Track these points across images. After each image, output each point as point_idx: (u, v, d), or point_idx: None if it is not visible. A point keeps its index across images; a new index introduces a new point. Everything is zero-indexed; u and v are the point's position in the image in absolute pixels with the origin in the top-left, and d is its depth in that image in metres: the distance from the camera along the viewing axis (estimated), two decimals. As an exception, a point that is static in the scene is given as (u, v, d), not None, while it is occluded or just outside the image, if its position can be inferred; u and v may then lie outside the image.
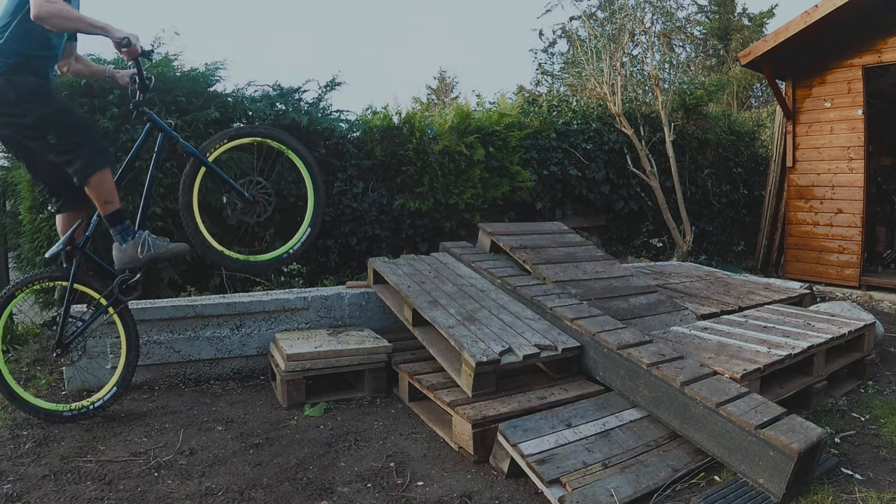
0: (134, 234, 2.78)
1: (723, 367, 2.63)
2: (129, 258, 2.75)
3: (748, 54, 6.26)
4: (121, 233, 2.76)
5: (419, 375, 2.90)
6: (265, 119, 4.66)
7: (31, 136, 2.58)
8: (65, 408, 2.74)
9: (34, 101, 2.52)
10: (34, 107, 2.52)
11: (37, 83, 2.56)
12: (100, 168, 2.62)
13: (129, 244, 2.75)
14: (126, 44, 2.57)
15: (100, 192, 2.64)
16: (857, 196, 6.01)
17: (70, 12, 2.46)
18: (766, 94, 14.10)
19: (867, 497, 2.10)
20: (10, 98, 2.48)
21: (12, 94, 2.47)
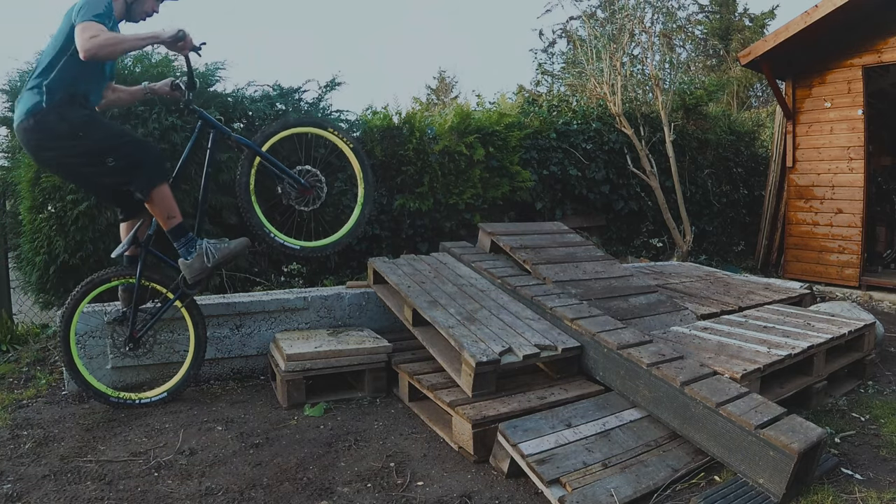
0: (196, 247, 2.85)
1: (723, 367, 2.63)
2: (198, 270, 2.84)
3: (748, 54, 6.26)
4: (185, 245, 2.84)
5: (419, 375, 2.90)
6: (265, 119, 4.66)
7: (89, 163, 2.68)
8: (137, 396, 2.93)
9: (87, 130, 2.62)
10: (88, 135, 2.62)
11: (86, 113, 2.66)
12: (160, 183, 2.73)
13: (193, 257, 2.84)
14: (181, 37, 2.66)
15: (161, 207, 2.75)
16: (857, 196, 6.01)
17: (116, 38, 2.55)
18: (766, 94, 14.10)
19: (867, 497, 2.10)
20: (63, 131, 2.58)
21: (65, 126, 2.58)
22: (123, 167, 2.68)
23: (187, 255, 2.84)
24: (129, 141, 2.76)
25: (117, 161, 2.66)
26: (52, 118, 2.56)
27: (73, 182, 2.99)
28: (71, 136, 2.59)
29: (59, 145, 2.61)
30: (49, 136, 2.59)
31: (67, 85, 2.60)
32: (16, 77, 3.97)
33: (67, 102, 2.60)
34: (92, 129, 2.64)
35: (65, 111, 2.58)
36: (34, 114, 2.56)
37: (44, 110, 2.56)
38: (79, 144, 2.61)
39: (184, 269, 2.85)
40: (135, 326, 2.92)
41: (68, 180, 3.06)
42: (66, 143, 2.61)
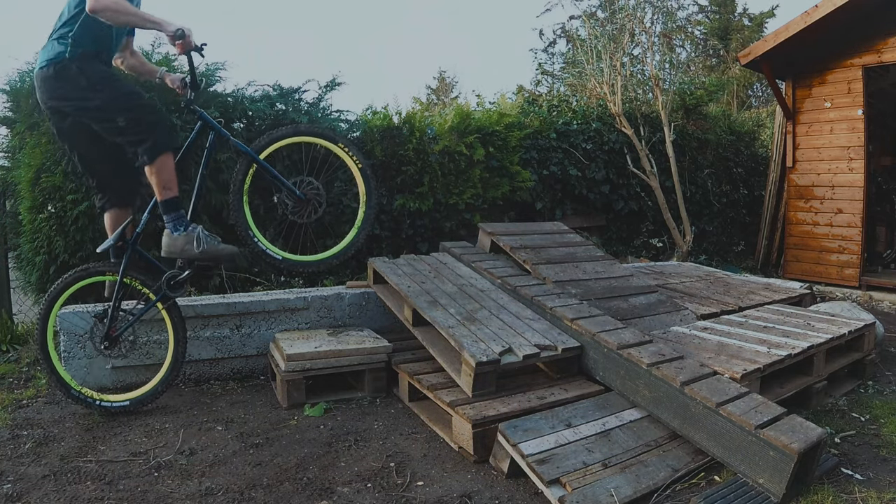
0: (187, 227, 2.82)
1: (723, 367, 2.63)
2: (180, 248, 2.79)
3: (748, 54, 6.26)
4: (174, 220, 2.80)
5: (419, 375, 2.90)
6: (265, 119, 4.65)
7: (101, 118, 2.69)
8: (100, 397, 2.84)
9: (105, 86, 2.65)
10: (105, 91, 2.64)
11: (106, 70, 2.73)
12: (168, 148, 2.74)
13: (180, 234, 2.79)
14: (180, 35, 2.62)
15: (161, 175, 2.72)
16: (857, 196, 6.01)
17: (124, 6, 2.54)
18: (766, 94, 14.11)
19: (867, 497, 2.10)
20: (81, 84, 2.61)
21: (84, 80, 2.60)
22: (134, 128, 2.68)
23: (174, 230, 2.79)
24: (144, 104, 2.77)
25: (129, 121, 2.67)
26: (73, 69, 2.59)
27: (71, 149, 2.90)
28: (88, 88, 2.61)
29: (74, 96, 2.63)
30: (67, 86, 2.62)
31: (89, 39, 2.63)
32: (16, 77, 3.97)
33: (89, 57, 2.63)
34: (109, 86, 2.66)
35: (85, 64, 2.61)
36: (55, 63, 2.59)
37: (66, 60, 2.59)
38: (94, 97, 2.63)
39: (165, 241, 2.79)
40: (112, 324, 2.84)
41: (67, 146, 2.98)
42: (82, 96, 2.63)
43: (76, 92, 2.62)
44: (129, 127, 2.68)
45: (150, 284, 2.90)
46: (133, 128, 2.68)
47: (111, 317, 2.83)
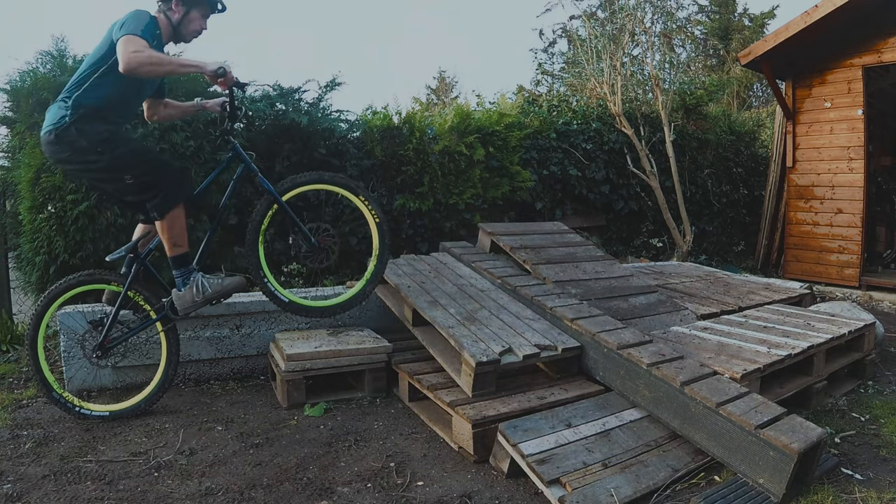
0: (191, 278, 2.81)
1: (723, 367, 2.63)
2: (189, 302, 2.80)
3: (748, 54, 6.26)
4: (182, 276, 2.80)
5: (419, 375, 2.90)
6: (265, 119, 4.65)
7: (108, 178, 2.69)
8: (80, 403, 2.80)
9: (106, 146, 2.60)
10: (107, 152, 2.60)
11: (107, 129, 2.64)
12: (177, 202, 2.71)
13: (186, 289, 2.79)
14: (221, 74, 2.61)
15: (172, 231, 2.72)
16: (857, 196, 6.01)
17: (160, 58, 2.54)
18: (766, 94, 14.10)
19: (867, 497, 2.10)
20: (82, 146, 2.58)
21: (84, 142, 2.57)
22: (142, 185, 2.66)
23: (181, 286, 2.80)
24: (149, 160, 2.75)
25: (135, 178, 2.65)
26: (72, 133, 2.57)
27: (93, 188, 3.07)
28: (90, 151, 2.59)
29: (78, 159, 2.62)
30: (69, 150, 2.60)
31: (96, 100, 2.59)
32: (16, 77, 3.97)
33: (89, 117, 2.59)
34: (111, 146, 2.62)
35: (84, 126, 2.57)
36: (55, 128, 2.58)
37: (65, 125, 2.56)
38: (98, 160, 2.61)
39: (175, 300, 2.81)
40: (108, 335, 2.82)
41: (94, 191, 3.10)
42: (85, 158, 2.61)
43: (77, 155, 2.61)
44: (137, 185, 2.66)
45: (153, 302, 2.89)
46: (140, 185, 2.66)
47: (108, 327, 2.81)
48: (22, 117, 3.95)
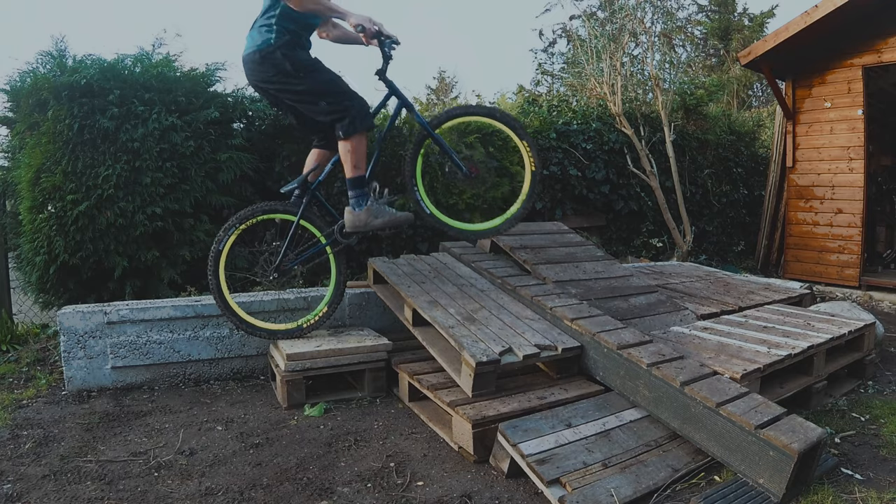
0: (367, 201, 3.03)
1: (723, 367, 2.63)
2: (363, 223, 3.03)
3: (748, 54, 6.26)
4: (357, 198, 3.03)
5: (419, 375, 2.90)
6: (265, 119, 4.65)
7: (304, 100, 2.95)
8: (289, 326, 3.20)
9: (307, 72, 2.89)
10: (308, 78, 2.89)
11: (308, 57, 2.95)
12: (362, 129, 2.97)
13: (361, 210, 3.02)
14: (360, 30, 2.90)
15: (354, 153, 2.97)
16: (857, 196, 6.01)
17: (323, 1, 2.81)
18: (766, 94, 14.11)
19: (867, 497, 2.10)
20: (286, 69, 2.83)
21: (288, 65, 2.83)
22: (334, 109, 2.92)
23: (356, 207, 3.02)
24: (343, 90, 2.99)
25: (330, 104, 2.92)
26: (278, 56, 2.81)
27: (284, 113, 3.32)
28: (292, 74, 2.84)
29: (279, 80, 2.87)
30: (272, 71, 2.85)
31: (291, 27, 2.85)
32: (16, 77, 3.97)
33: (292, 44, 2.85)
34: (312, 72, 2.91)
35: (290, 51, 2.83)
36: (261, 50, 2.83)
37: (271, 47, 2.81)
38: (299, 83, 2.87)
39: (347, 217, 3.04)
40: (283, 260, 3.14)
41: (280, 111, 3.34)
42: (287, 80, 2.86)
43: (280, 76, 2.85)
44: (330, 109, 2.92)
45: (323, 228, 3.20)
46: (333, 109, 2.92)
47: (283, 251, 3.13)
48: (22, 117, 3.96)
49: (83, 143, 3.79)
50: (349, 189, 3.03)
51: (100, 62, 3.89)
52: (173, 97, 4.01)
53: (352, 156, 2.96)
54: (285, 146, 4.60)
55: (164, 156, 3.94)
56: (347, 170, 3.00)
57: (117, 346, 3.14)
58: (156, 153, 3.90)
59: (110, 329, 3.13)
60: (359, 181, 3.01)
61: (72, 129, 3.73)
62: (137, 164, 3.87)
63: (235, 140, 4.31)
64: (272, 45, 2.81)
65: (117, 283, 3.95)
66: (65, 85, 3.71)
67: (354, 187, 3.02)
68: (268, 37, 2.82)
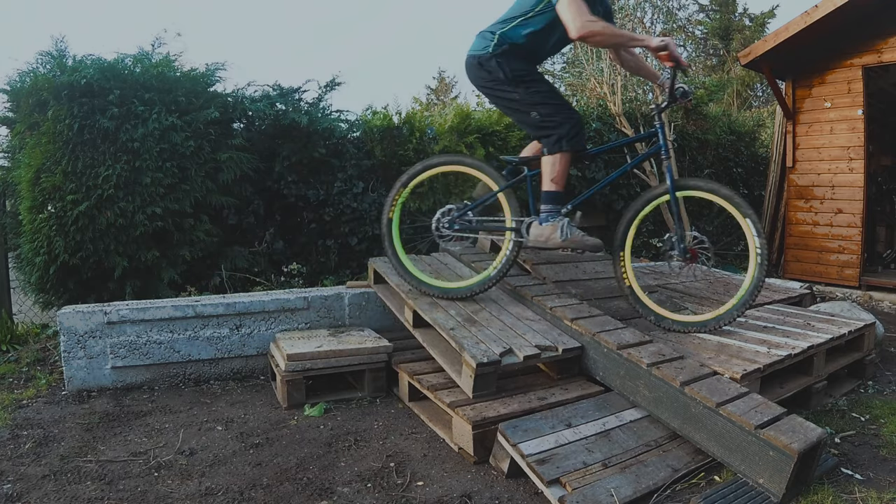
0: (555, 219, 2.96)
1: (723, 367, 2.63)
2: (545, 238, 2.97)
3: (748, 54, 6.26)
4: (547, 213, 2.98)
5: (419, 375, 2.90)
6: (265, 119, 4.65)
7: (516, 109, 2.97)
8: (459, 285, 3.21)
9: (521, 83, 2.90)
10: (523, 86, 2.90)
11: (524, 68, 2.94)
12: (568, 149, 2.91)
13: (547, 225, 2.96)
14: (663, 47, 2.76)
15: (553, 169, 2.92)
16: (857, 196, 6.01)
17: (611, 30, 2.80)
18: (766, 94, 14.10)
19: (867, 497, 2.10)
20: (500, 77, 2.89)
21: (502, 74, 2.88)
22: (543, 123, 2.90)
23: (543, 221, 2.97)
24: (557, 104, 2.95)
25: (542, 116, 2.90)
26: (493, 64, 2.87)
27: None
28: (506, 82, 2.89)
29: (494, 86, 2.93)
30: (487, 77, 2.92)
31: (518, 40, 2.87)
32: (16, 77, 3.97)
33: (511, 54, 2.88)
34: (527, 83, 2.91)
35: (505, 61, 2.87)
36: (478, 56, 2.91)
37: (487, 55, 2.88)
38: (512, 91, 2.90)
39: (532, 229, 3.00)
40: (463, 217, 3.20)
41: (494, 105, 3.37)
42: (501, 87, 2.91)
43: (494, 83, 2.92)
44: (541, 122, 2.91)
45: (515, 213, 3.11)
46: (543, 123, 2.90)
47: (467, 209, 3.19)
48: (22, 117, 3.96)
49: (83, 143, 3.79)
50: (542, 202, 2.98)
51: (100, 62, 3.89)
52: (173, 97, 4.01)
53: (552, 169, 2.92)
54: (285, 146, 4.60)
55: (164, 156, 3.94)
56: (545, 182, 2.95)
57: (117, 346, 3.14)
58: (156, 153, 3.90)
59: (110, 329, 3.13)
60: (553, 197, 2.95)
61: (72, 129, 3.73)
62: (137, 164, 3.87)
63: (235, 140, 4.32)
64: (488, 53, 2.87)
65: (117, 283, 3.96)
66: (65, 85, 3.71)
67: (548, 202, 2.96)
68: (487, 44, 2.88)
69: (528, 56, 2.96)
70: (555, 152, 2.89)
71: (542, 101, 2.91)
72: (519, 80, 2.89)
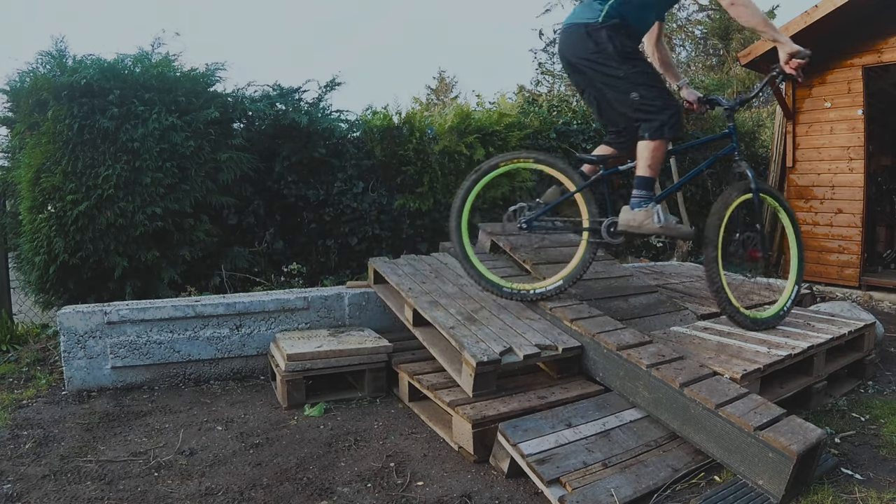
0: (648, 204, 2.92)
1: (723, 367, 2.63)
2: (638, 223, 2.92)
3: (748, 54, 6.26)
4: (639, 198, 2.92)
5: (419, 375, 2.90)
6: (265, 119, 4.65)
7: (616, 87, 2.84)
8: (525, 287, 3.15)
9: (628, 60, 2.80)
10: (627, 65, 2.80)
11: (633, 46, 2.89)
12: (668, 136, 2.85)
13: (639, 210, 2.91)
14: (801, 56, 2.73)
15: (652, 155, 2.86)
16: (857, 196, 6.01)
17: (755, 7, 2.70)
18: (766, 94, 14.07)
19: (867, 497, 2.10)
20: (608, 50, 2.78)
21: (611, 47, 2.77)
22: (644, 106, 2.81)
23: (635, 206, 2.92)
24: (662, 88, 2.88)
25: (642, 98, 2.80)
26: (603, 36, 2.77)
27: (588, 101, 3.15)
28: (613, 57, 2.77)
29: (598, 59, 2.81)
30: (593, 49, 2.80)
31: (624, 14, 2.79)
32: (16, 77, 3.97)
33: (619, 29, 2.79)
34: (634, 61, 2.82)
35: (615, 35, 2.77)
36: (587, 25, 2.79)
37: (597, 25, 2.77)
38: (618, 67, 2.78)
39: (623, 215, 2.94)
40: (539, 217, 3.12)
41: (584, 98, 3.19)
42: (606, 62, 2.79)
43: (600, 56, 2.79)
44: (640, 104, 2.81)
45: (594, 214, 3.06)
46: (643, 106, 2.81)
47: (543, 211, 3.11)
48: (22, 117, 3.96)
49: (83, 143, 3.79)
50: (635, 188, 2.93)
51: (100, 62, 3.89)
52: (173, 97, 4.02)
53: (650, 155, 2.85)
54: (285, 146, 4.60)
55: (164, 156, 3.95)
56: (640, 167, 2.88)
57: (117, 346, 3.14)
58: (156, 153, 3.91)
59: (110, 329, 3.13)
60: (647, 182, 2.91)
61: (72, 129, 3.73)
62: (137, 164, 3.88)
63: (235, 140, 4.32)
64: (598, 23, 2.77)
65: (117, 283, 3.96)
66: (65, 85, 3.72)
67: (641, 187, 2.91)
68: (596, 14, 2.78)
69: (633, 34, 2.89)
70: (656, 138, 2.81)
71: (645, 83, 2.81)
72: (626, 56, 2.79)
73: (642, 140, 2.84)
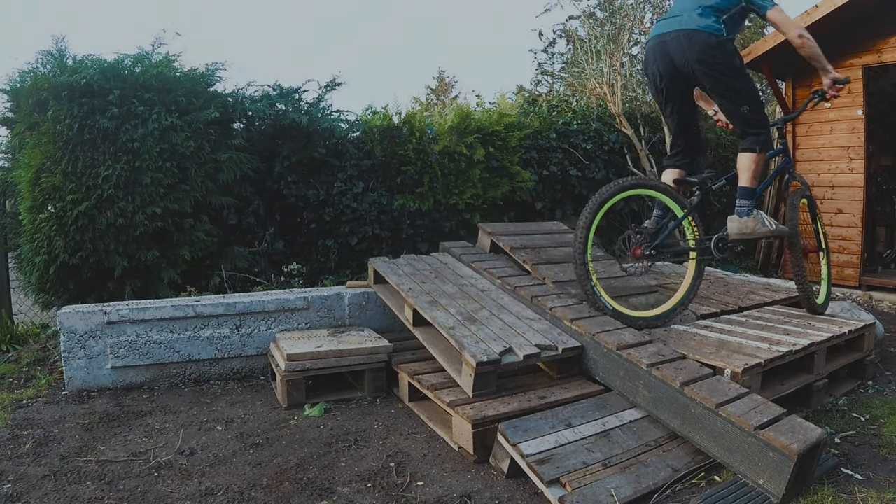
0: (754, 211, 3.11)
1: (724, 362, 2.62)
2: (750, 229, 3.09)
3: (748, 54, 6.26)
4: (744, 206, 3.10)
5: (419, 375, 2.90)
6: (265, 119, 4.65)
7: (731, 97, 2.99)
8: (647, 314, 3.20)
9: (743, 74, 3.00)
10: (744, 80, 2.99)
11: (742, 60, 3.03)
12: (768, 150, 3.11)
13: (748, 218, 3.09)
14: (842, 83, 3.13)
15: (755, 167, 3.05)
16: (857, 196, 6.01)
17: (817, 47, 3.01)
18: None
19: (867, 497, 2.10)
20: (735, 63, 2.93)
21: (738, 61, 2.95)
22: (753, 119, 3.00)
23: (742, 214, 3.08)
24: (762, 105, 3.11)
25: (752, 111, 2.99)
26: (730, 48, 2.91)
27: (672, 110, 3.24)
28: (738, 70, 2.94)
29: (722, 70, 2.90)
30: (721, 59, 2.89)
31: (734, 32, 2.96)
32: (16, 77, 3.97)
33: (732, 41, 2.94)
34: (747, 78, 3.04)
35: (737, 50, 2.95)
36: (717, 35, 2.87)
37: (724, 37, 2.88)
38: (738, 80, 2.94)
39: (733, 224, 3.10)
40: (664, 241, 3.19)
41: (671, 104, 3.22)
42: (728, 73, 2.91)
43: (725, 67, 2.90)
44: (750, 117, 2.99)
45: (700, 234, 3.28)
46: (753, 120, 3.00)
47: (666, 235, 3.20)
48: (22, 117, 3.96)
49: (83, 143, 3.79)
50: (740, 198, 3.10)
51: (100, 62, 3.89)
52: (173, 97, 4.02)
53: (755, 167, 3.03)
54: (285, 146, 4.60)
55: (164, 156, 3.95)
56: (745, 179, 3.06)
57: (117, 346, 3.14)
58: (156, 153, 3.91)
59: (110, 329, 3.13)
60: (751, 192, 3.08)
61: (72, 129, 3.73)
62: (137, 164, 3.88)
63: (235, 140, 4.32)
64: (724, 35, 2.88)
65: (117, 283, 3.96)
66: (65, 85, 3.72)
67: (746, 196, 3.08)
68: (719, 25, 2.88)
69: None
70: (760, 151, 3.01)
71: (755, 99, 3.01)
72: (743, 70, 2.98)
73: (750, 152, 3.03)
